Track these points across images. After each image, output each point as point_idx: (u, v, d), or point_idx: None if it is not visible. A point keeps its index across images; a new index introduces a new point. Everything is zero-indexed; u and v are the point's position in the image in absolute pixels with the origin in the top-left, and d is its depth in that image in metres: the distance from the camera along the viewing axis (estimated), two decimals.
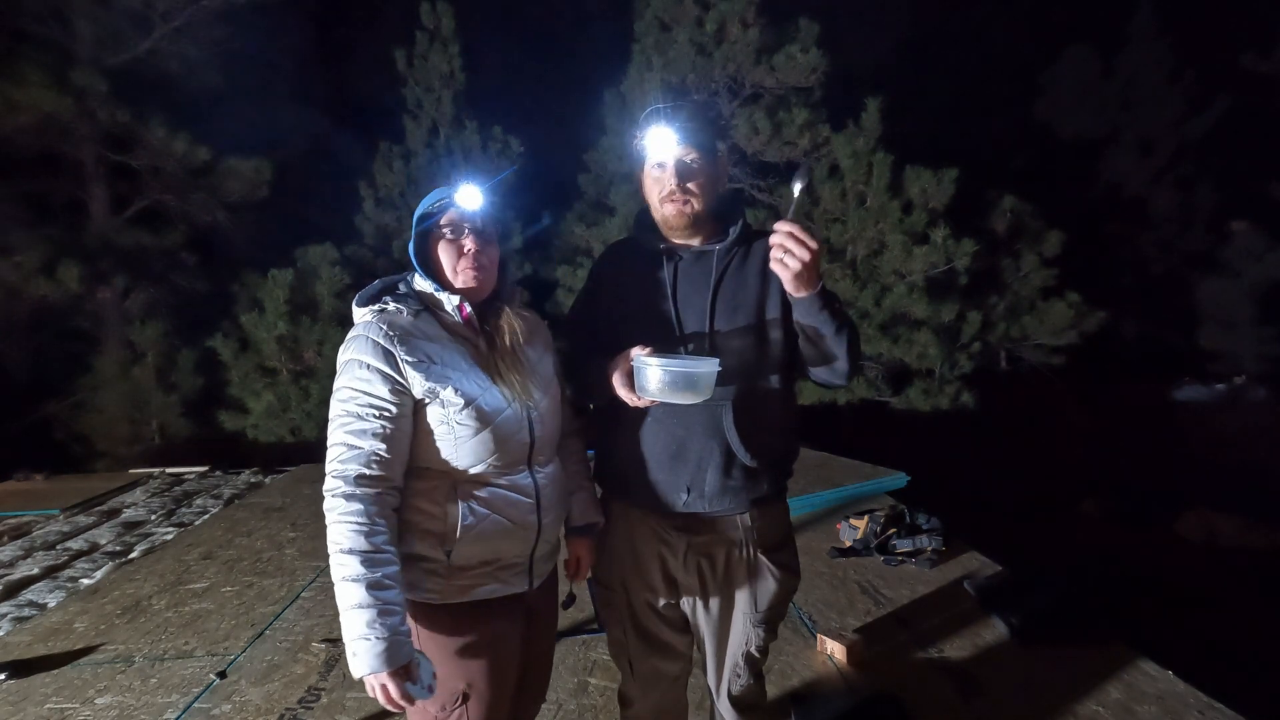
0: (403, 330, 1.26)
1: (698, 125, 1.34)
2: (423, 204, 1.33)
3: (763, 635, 1.49)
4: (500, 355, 1.33)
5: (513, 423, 1.30)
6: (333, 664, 2.59)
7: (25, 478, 5.71)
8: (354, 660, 1.11)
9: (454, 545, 1.26)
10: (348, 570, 1.13)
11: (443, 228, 1.32)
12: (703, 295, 1.39)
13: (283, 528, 4.28)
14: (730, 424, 1.36)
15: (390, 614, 1.12)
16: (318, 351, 7.23)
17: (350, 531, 1.14)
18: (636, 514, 1.47)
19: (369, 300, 1.32)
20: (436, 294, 1.31)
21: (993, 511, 5.94)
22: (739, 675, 1.51)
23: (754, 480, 1.40)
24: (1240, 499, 6.25)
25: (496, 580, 1.31)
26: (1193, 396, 11.59)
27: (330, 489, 1.17)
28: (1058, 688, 2.33)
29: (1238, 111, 13.58)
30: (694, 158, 1.36)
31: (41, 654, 2.73)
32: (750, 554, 1.44)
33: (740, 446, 1.37)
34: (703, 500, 1.40)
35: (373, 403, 1.21)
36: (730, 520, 1.43)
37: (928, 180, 7.03)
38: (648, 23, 7.77)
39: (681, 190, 1.36)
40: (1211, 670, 2.52)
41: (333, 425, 1.22)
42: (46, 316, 7.31)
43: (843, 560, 3.48)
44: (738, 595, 1.47)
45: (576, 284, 7.75)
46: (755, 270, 1.40)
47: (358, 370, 1.22)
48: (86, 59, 7.14)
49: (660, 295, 1.41)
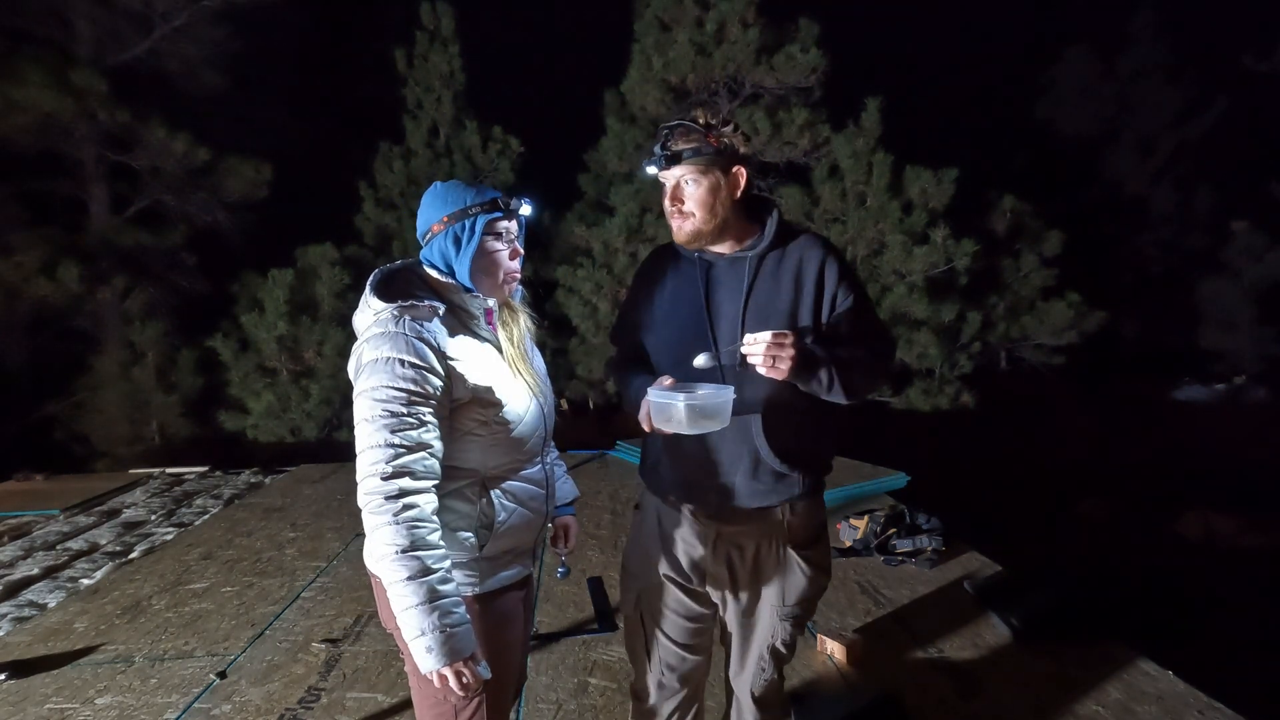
0: (438, 327, 1.24)
1: (689, 144, 1.34)
2: (473, 200, 1.28)
3: (789, 630, 1.50)
4: (517, 354, 1.36)
5: (536, 419, 1.35)
6: (333, 664, 2.59)
7: (25, 478, 5.71)
8: (427, 656, 1.14)
9: (489, 541, 1.30)
10: (410, 570, 1.13)
11: (498, 233, 1.31)
12: (735, 302, 1.40)
13: (283, 528, 4.28)
14: (759, 430, 1.38)
15: (456, 606, 1.16)
16: (318, 351, 7.23)
17: (408, 532, 1.14)
18: (671, 510, 1.50)
19: (394, 295, 1.26)
20: (465, 293, 1.30)
21: (993, 511, 5.94)
22: (763, 670, 1.52)
23: (784, 481, 1.42)
24: (1240, 499, 6.26)
25: (514, 566, 1.38)
26: (1193, 396, 11.59)
27: (378, 490, 1.15)
28: (1058, 688, 2.33)
29: (1238, 111, 13.59)
30: (687, 175, 1.36)
31: (41, 654, 2.73)
32: (780, 549, 1.46)
33: (769, 452, 1.39)
34: (731, 501, 1.43)
35: (415, 401, 1.18)
36: (762, 514, 1.44)
37: (928, 180, 7.03)
38: (648, 23, 7.76)
39: (678, 210, 1.39)
40: (1211, 670, 2.52)
41: (371, 426, 1.17)
42: (46, 316, 7.30)
43: (843, 560, 3.48)
44: (767, 588, 1.49)
45: (576, 284, 7.75)
46: (790, 273, 1.40)
47: (398, 368, 1.18)
48: (86, 59, 7.13)
49: (694, 303, 1.43)
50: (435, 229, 1.29)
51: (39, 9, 7.03)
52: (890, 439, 7.06)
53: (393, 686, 2.41)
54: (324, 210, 8.92)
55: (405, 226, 8.45)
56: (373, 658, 2.62)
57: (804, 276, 1.39)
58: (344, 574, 3.48)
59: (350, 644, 2.74)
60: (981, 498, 6.43)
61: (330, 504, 4.76)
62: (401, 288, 1.28)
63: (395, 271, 1.34)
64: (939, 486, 5.13)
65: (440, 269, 1.30)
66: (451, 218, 1.28)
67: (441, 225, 1.28)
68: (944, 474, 6.18)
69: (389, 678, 2.47)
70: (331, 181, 9.06)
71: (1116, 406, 10.61)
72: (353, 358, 1.25)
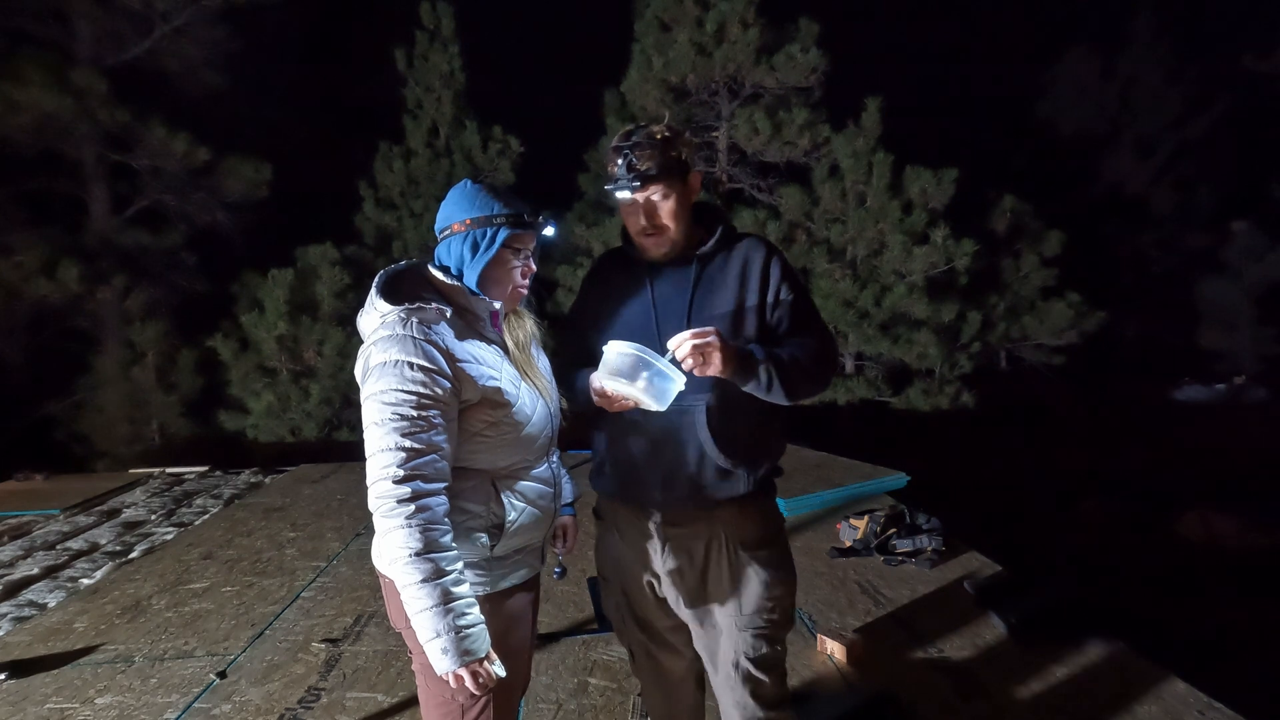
0: (446, 330, 1.24)
1: (656, 161, 1.32)
2: (500, 210, 1.27)
3: (751, 643, 1.39)
4: (523, 355, 1.37)
5: (544, 419, 1.37)
6: (333, 664, 2.59)
7: (25, 478, 5.71)
8: (442, 658, 1.14)
9: (499, 540, 1.30)
10: (424, 573, 1.13)
11: (517, 248, 1.31)
12: (682, 300, 1.40)
13: (283, 528, 4.28)
14: (703, 425, 1.37)
15: (470, 607, 1.17)
16: (318, 351, 7.23)
17: (421, 535, 1.14)
18: (623, 510, 1.49)
19: (401, 297, 1.26)
20: (471, 295, 1.29)
21: (993, 511, 5.94)
22: (734, 689, 1.41)
23: (729, 479, 1.40)
24: (1240, 499, 6.25)
25: (524, 566, 1.39)
26: (1193, 396, 11.59)
27: (390, 494, 1.15)
28: (1058, 688, 2.33)
29: (1238, 111, 13.59)
30: (657, 192, 1.35)
31: (41, 654, 2.73)
32: (731, 551, 1.42)
33: (713, 447, 1.37)
34: (676, 498, 1.41)
35: (425, 404, 1.18)
36: (706, 514, 1.42)
37: (928, 180, 7.04)
38: (648, 23, 7.77)
39: (653, 227, 1.38)
40: (1211, 670, 2.52)
41: (381, 429, 1.17)
42: (46, 316, 7.30)
43: (843, 560, 3.48)
44: (723, 597, 1.42)
45: (576, 284, 7.75)
46: (734, 274, 1.41)
47: (407, 371, 1.18)
48: (86, 59, 7.14)
49: (641, 301, 1.44)
50: (455, 228, 1.28)
51: (39, 9, 7.03)
52: (890, 439, 7.06)
53: (393, 686, 2.41)
54: (324, 210, 8.93)
55: (405, 226, 8.45)
56: (373, 658, 2.62)
57: (749, 275, 1.40)
58: (344, 574, 3.48)
59: (350, 644, 2.74)
60: (981, 498, 6.43)
61: (330, 504, 4.76)
62: (408, 290, 1.28)
63: (400, 273, 1.34)
64: (939, 486, 5.13)
65: (449, 270, 1.30)
66: (475, 222, 1.27)
67: (463, 227, 1.27)
68: (944, 474, 6.18)
69: (389, 678, 2.47)
70: (331, 181, 9.06)
71: (1116, 406, 10.61)
72: (359, 361, 1.25)
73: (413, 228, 8.34)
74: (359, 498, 4.78)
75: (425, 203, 8.30)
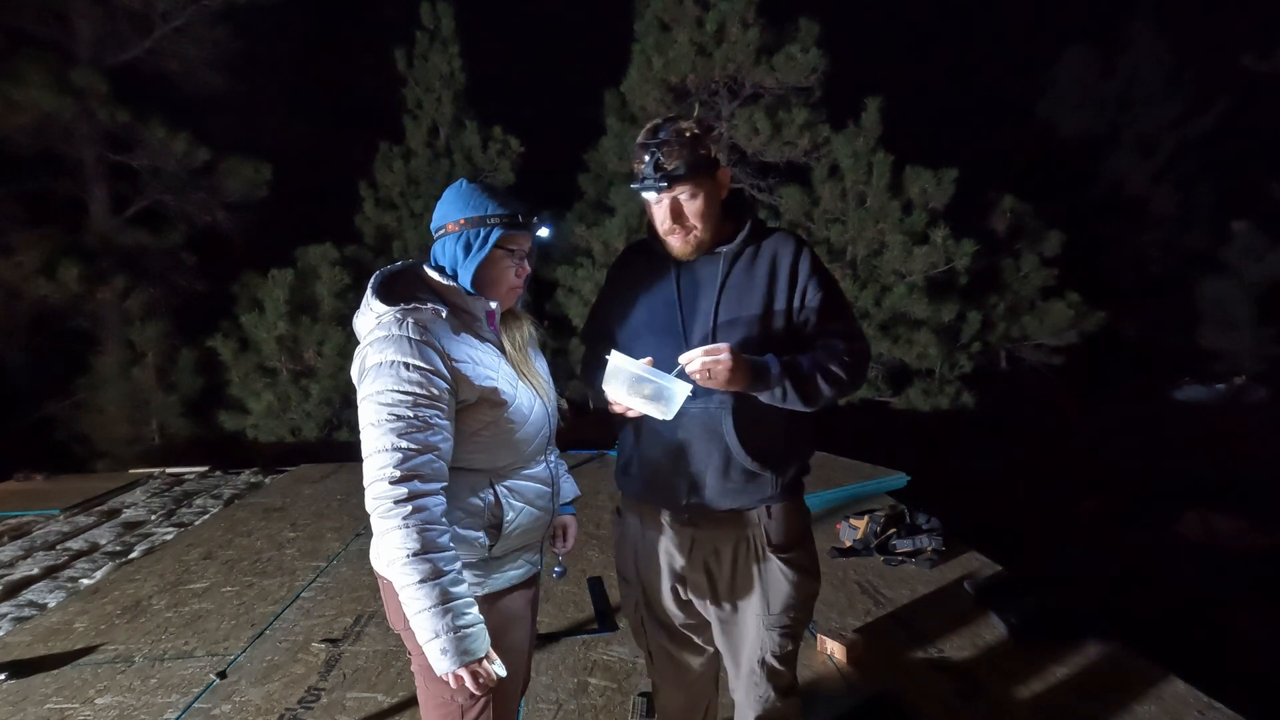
0: (442, 330, 1.24)
1: (685, 159, 1.29)
2: (493, 210, 1.26)
3: (778, 641, 1.42)
4: (520, 355, 1.37)
5: (541, 418, 1.36)
6: (333, 664, 2.59)
7: (25, 478, 5.71)
8: (442, 659, 1.14)
9: (498, 540, 1.30)
10: (422, 574, 1.13)
11: (510, 249, 1.30)
12: (708, 298, 1.38)
13: (283, 528, 4.28)
14: (730, 428, 1.36)
15: (469, 607, 1.17)
16: (318, 351, 7.23)
17: (419, 535, 1.14)
18: (648, 509, 1.48)
19: (396, 297, 1.26)
20: (467, 295, 1.29)
21: (993, 511, 5.94)
22: (756, 685, 1.45)
23: (757, 482, 1.39)
24: (1240, 499, 6.25)
25: (522, 565, 1.39)
26: (1193, 396, 11.58)
27: (387, 494, 1.15)
28: (1058, 688, 2.33)
29: (1238, 111, 13.59)
30: (685, 191, 1.32)
31: (41, 654, 2.73)
32: (760, 552, 1.42)
33: (740, 449, 1.36)
34: (704, 500, 1.40)
35: (421, 404, 1.18)
36: (735, 516, 1.41)
37: (928, 180, 7.03)
38: (648, 23, 7.76)
39: (681, 227, 1.35)
40: (1211, 670, 2.52)
41: (378, 430, 1.17)
42: (46, 316, 7.30)
43: (843, 560, 3.48)
44: (749, 596, 1.44)
45: (576, 284, 7.75)
46: (763, 274, 1.38)
47: (403, 372, 1.17)
48: (86, 59, 7.13)
49: (667, 299, 1.41)
50: (450, 228, 1.28)
51: (39, 9, 7.02)
52: (890, 439, 7.06)
53: (393, 686, 2.41)
54: (324, 210, 8.91)
55: (405, 226, 8.44)
56: (372, 658, 2.62)
57: (777, 275, 1.37)
58: (344, 574, 3.48)
59: (350, 644, 2.74)
60: (981, 497, 6.43)
61: (330, 504, 4.76)
62: (403, 290, 1.28)
63: (396, 274, 1.34)
64: (939, 486, 5.13)
65: (444, 270, 1.30)
66: (469, 221, 1.26)
67: (456, 226, 1.27)
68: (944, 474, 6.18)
69: (389, 678, 2.47)
70: (331, 181, 9.06)
71: (1116, 406, 10.61)
72: (356, 361, 1.25)
73: (413, 228, 8.33)
74: (359, 498, 4.77)
75: (425, 203, 8.28)
